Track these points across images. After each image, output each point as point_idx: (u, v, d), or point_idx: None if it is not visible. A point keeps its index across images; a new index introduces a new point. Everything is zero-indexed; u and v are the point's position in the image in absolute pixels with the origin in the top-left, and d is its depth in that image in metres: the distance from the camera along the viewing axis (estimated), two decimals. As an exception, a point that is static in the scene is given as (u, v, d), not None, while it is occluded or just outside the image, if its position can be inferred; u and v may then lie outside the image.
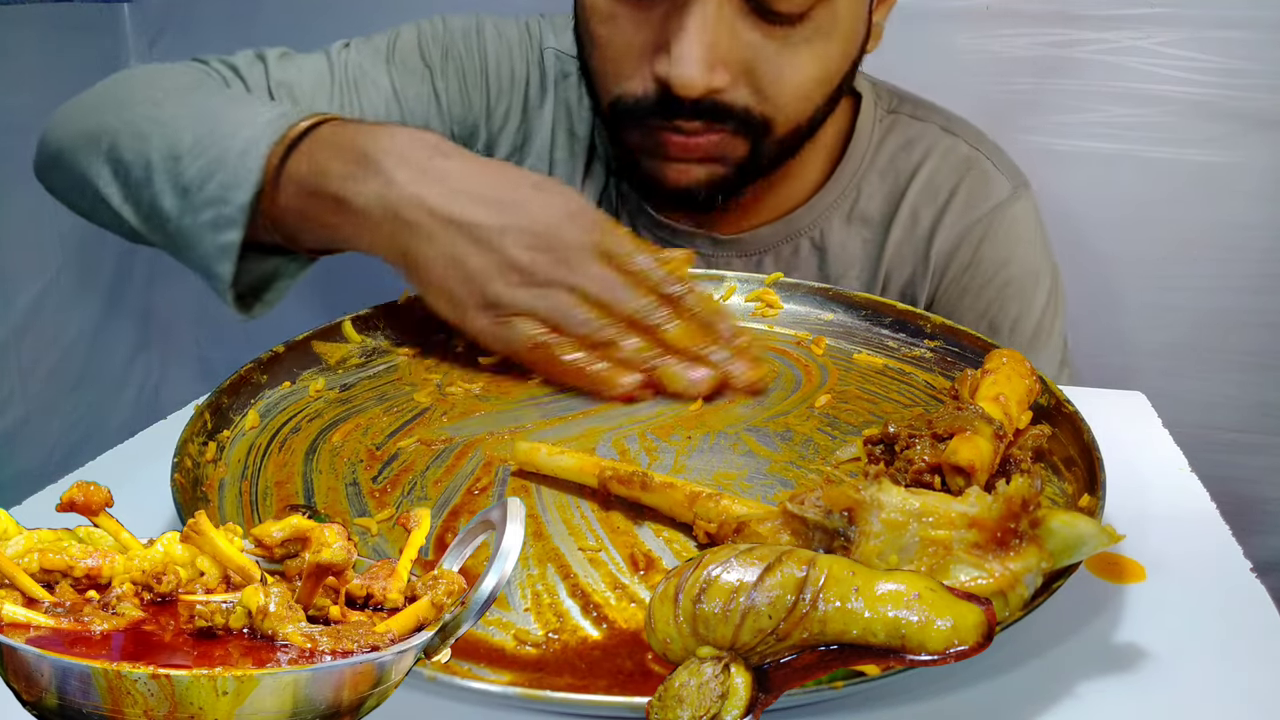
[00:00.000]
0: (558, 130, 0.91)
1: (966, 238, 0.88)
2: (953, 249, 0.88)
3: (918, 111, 0.92)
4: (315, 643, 0.29)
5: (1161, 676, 0.41)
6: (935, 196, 0.88)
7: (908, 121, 0.91)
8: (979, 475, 0.47)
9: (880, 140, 0.90)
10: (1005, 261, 0.88)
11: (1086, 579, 0.47)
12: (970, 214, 0.88)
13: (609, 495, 0.52)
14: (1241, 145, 1.22)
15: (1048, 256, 0.92)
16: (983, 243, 0.88)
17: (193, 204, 0.68)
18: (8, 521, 0.31)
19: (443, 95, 0.90)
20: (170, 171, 0.69)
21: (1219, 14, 1.19)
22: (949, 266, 0.88)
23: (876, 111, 0.90)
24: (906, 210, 0.88)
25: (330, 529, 0.31)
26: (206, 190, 0.67)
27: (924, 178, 0.88)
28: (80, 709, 0.26)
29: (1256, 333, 1.28)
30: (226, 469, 0.55)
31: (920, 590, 0.33)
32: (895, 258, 0.89)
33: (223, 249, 0.68)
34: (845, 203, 0.89)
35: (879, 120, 0.90)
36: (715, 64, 0.72)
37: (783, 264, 0.89)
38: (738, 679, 0.33)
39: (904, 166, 0.89)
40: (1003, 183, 0.89)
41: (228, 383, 0.60)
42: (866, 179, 0.89)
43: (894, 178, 0.89)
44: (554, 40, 0.92)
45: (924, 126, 0.90)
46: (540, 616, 0.43)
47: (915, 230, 0.88)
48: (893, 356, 0.68)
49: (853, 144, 0.89)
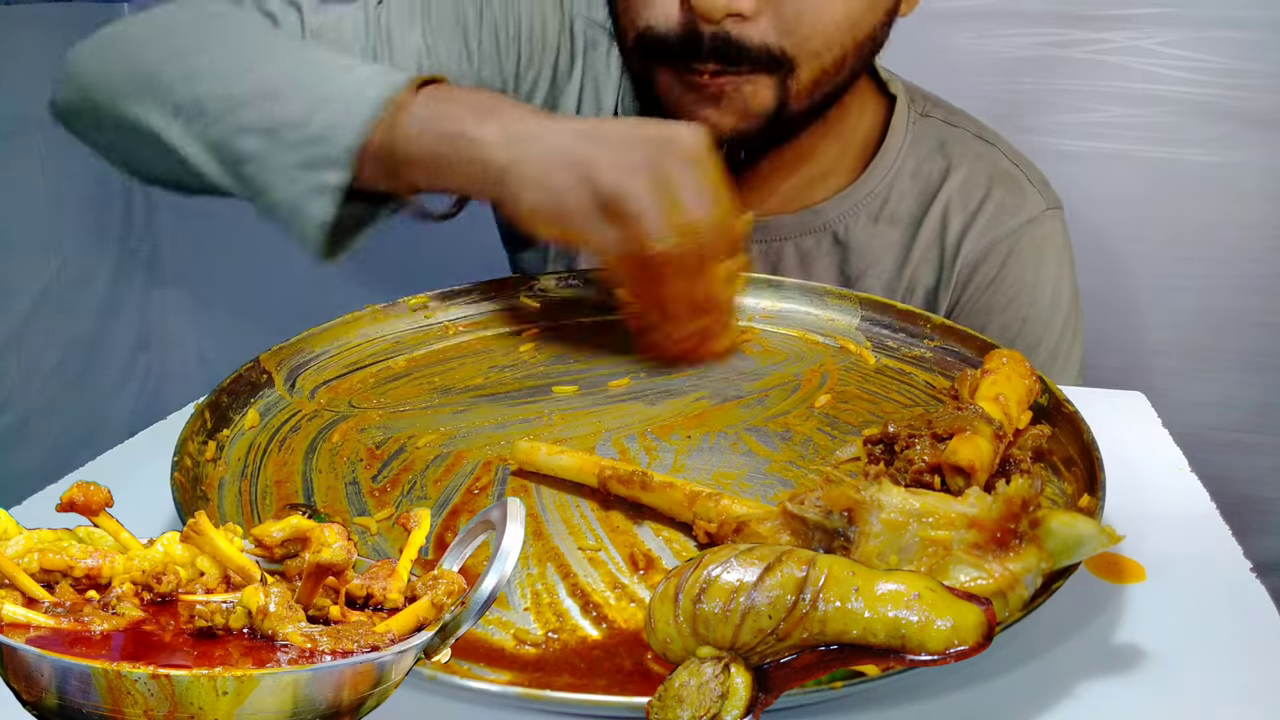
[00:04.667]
0: (585, 102, 0.90)
1: (993, 251, 0.87)
2: (978, 260, 0.87)
3: (951, 117, 0.91)
4: (315, 643, 0.28)
5: (1161, 676, 0.41)
6: (967, 203, 0.87)
7: (940, 125, 0.90)
8: (979, 475, 0.47)
9: (913, 142, 0.89)
10: (1028, 284, 0.87)
11: (1086, 579, 0.47)
12: (1000, 226, 0.87)
13: (609, 495, 0.52)
14: (1241, 145, 1.22)
15: (1071, 281, 0.90)
16: (1009, 259, 0.87)
17: (284, 142, 0.67)
18: (8, 521, 0.31)
19: (474, 54, 0.88)
20: (259, 110, 0.68)
21: (1219, 14, 1.19)
22: (972, 278, 0.88)
23: (910, 114, 0.90)
24: (936, 214, 0.88)
25: (330, 529, 0.31)
26: (306, 130, 0.66)
27: (956, 183, 0.88)
28: (80, 709, 0.26)
29: (1256, 333, 1.28)
30: (226, 468, 0.55)
31: (920, 590, 0.33)
32: (922, 261, 0.88)
33: (320, 189, 0.66)
34: (874, 201, 0.88)
35: (912, 123, 0.90)
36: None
37: (802, 255, 0.89)
38: (738, 679, 0.33)
39: (936, 170, 0.88)
40: (1037, 200, 0.88)
41: (228, 382, 0.60)
42: (898, 180, 0.88)
43: (925, 181, 0.88)
44: (585, 9, 0.91)
45: (957, 132, 0.90)
46: (540, 616, 0.43)
47: (945, 235, 0.88)
48: (893, 356, 0.68)
49: (886, 144, 0.88)
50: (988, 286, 0.87)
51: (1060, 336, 0.88)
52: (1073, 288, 0.91)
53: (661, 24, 0.75)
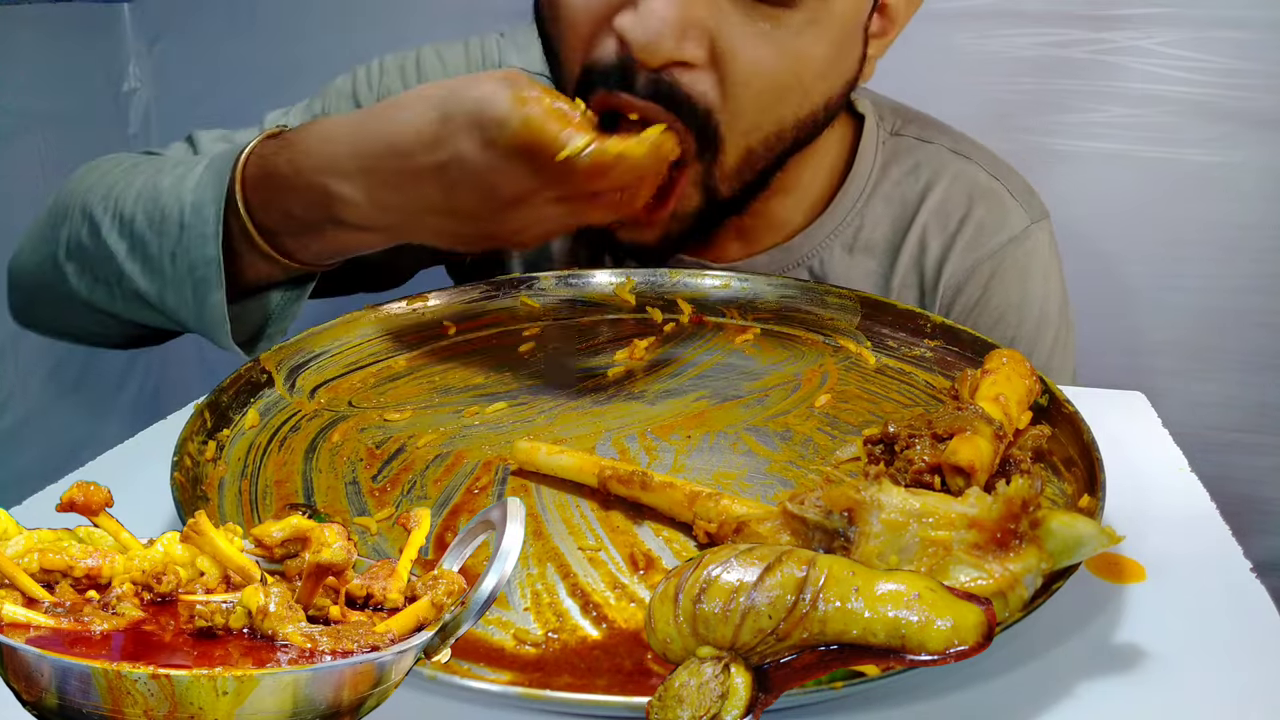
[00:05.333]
0: None
1: (975, 273, 0.83)
2: (961, 283, 0.83)
3: (924, 133, 0.87)
4: (315, 643, 0.29)
5: (1161, 676, 0.41)
6: (945, 224, 0.84)
7: (913, 144, 0.86)
8: (979, 475, 0.47)
9: (884, 164, 0.85)
10: (1014, 304, 0.84)
11: (1086, 579, 0.47)
12: (981, 247, 0.83)
13: (609, 495, 0.52)
14: (1241, 145, 1.22)
15: (1060, 294, 0.87)
16: (992, 280, 0.83)
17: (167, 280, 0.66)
18: (8, 521, 0.31)
19: None
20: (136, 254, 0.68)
21: (1219, 14, 1.19)
22: (955, 301, 0.84)
23: (879, 133, 0.85)
24: (914, 238, 0.83)
25: (330, 529, 0.31)
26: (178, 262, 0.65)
27: (933, 204, 0.84)
28: (80, 709, 0.26)
29: (1256, 333, 1.28)
30: (226, 468, 0.55)
31: (920, 590, 0.33)
32: (902, 288, 0.84)
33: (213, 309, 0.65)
34: (847, 231, 0.84)
35: (882, 143, 0.85)
36: (688, 30, 0.63)
37: None
38: (738, 679, 0.33)
39: (911, 192, 0.84)
40: (1019, 215, 0.84)
41: (228, 382, 0.60)
42: (870, 206, 0.84)
43: (900, 205, 0.84)
44: (516, 58, 0.87)
45: (932, 149, 0.86)
46: (540, 616, 0.43)
47: (924, 259, 0.84)
48: (893, 356, 0.68)
49: (854, 168, 0.84)
50: (972, 309, 0.84)
51: (1050, 352, 0.85)
52: (1061, 300, 0.87)
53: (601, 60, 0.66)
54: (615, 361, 0.69)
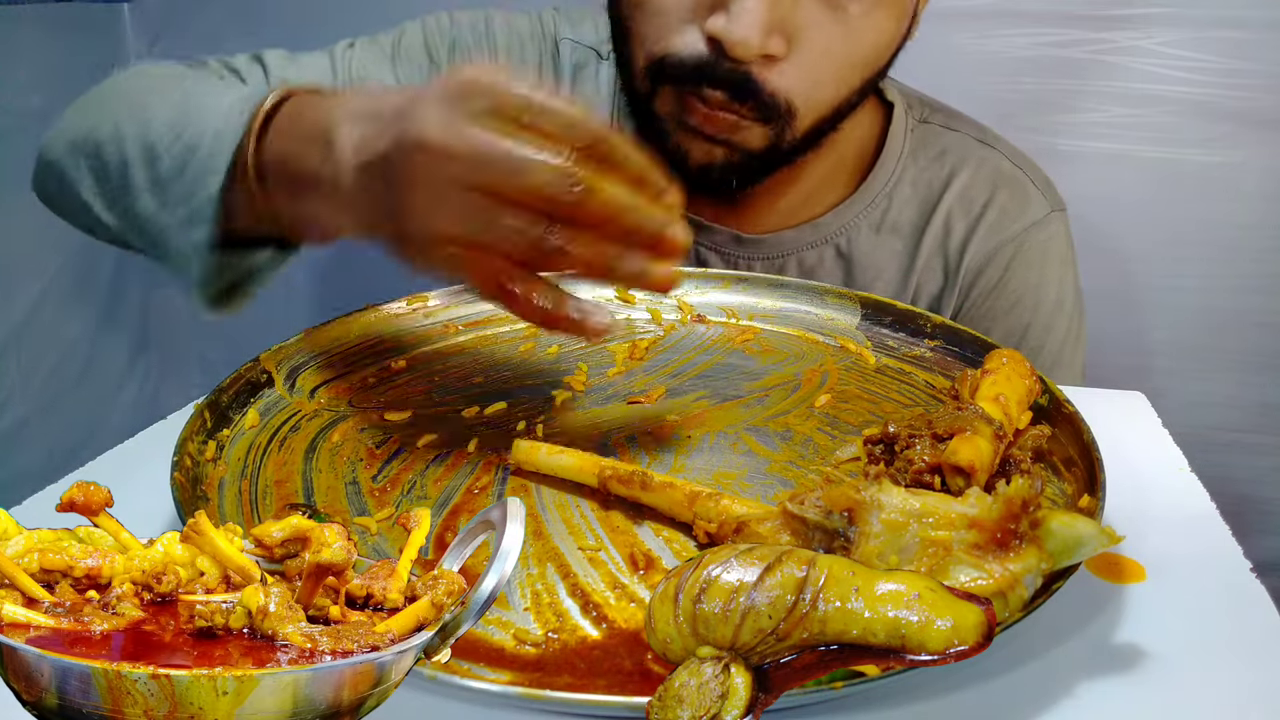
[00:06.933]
0: None
1: (997, 255, 0.87)
2: (982, 265, 0.87)
3: (950, 122, 0.91)
4: (315, 643, 0.28)
5: (1161, 676, 0.41)
6: (969, 208, 0.87)
7: (940, 131, 0.90)
8: (979, 475, 0.47)
9: (913, 150, 0.88)
10: (1033, 287, 0.87)
11: (1086, 579, 0.47)
12: (1003, 231, 0.87)
13: (609, 495, 0.52)
14: (1241, 145, 1.22)
15: (1075, 284, 0.90)
16: (1012, 262, 0.87)
17: (167, 201, 0.64)
18: (8, 521, 0.31)
19: None
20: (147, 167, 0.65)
21: (1219, 14, 1.19)
22: (976, 283, 0.87)
23: (908, 120, 0.89)
24: (939, 221, 0.87)
25: (330, 529, 0.31)
26: (180, 184, 0.62)
27: (958, 189, 0.87)
28: (80, 709, 0.26)
29: (1256, 333, 1.28)
30: (226, 468, 0.55)
31: (920, 590, 0.33)
32: (926, 269, 0.88)
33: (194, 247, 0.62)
34: (875, 212, 0.87)
35: (911, 130, 0.89)
36: (774, 27, 0.68)
37: (805, 270, 0.88)
38: (738, 679, 0.33)
39: (937, 177, 0.88)
40: (1040, 202, 0.88)
41: (228, 382, 0.60)
42: (898, 189, 0.88)
43: (926, 188, 0.88)
44: (570, 32, 0.91)
45: (957, 137, 0.89)
46: (540, 616, 0.43)
47: (948, 242, 0.87)
48: (893, 356, 0.68)
49: (884, 153, 0.88)
50: (991, 291, 0.87)
51: (1064, 341, 0.88)
52: (1076, 290, 0.90)
53: (682, 52, 0.71)
54: (615, 361, 0.69)
